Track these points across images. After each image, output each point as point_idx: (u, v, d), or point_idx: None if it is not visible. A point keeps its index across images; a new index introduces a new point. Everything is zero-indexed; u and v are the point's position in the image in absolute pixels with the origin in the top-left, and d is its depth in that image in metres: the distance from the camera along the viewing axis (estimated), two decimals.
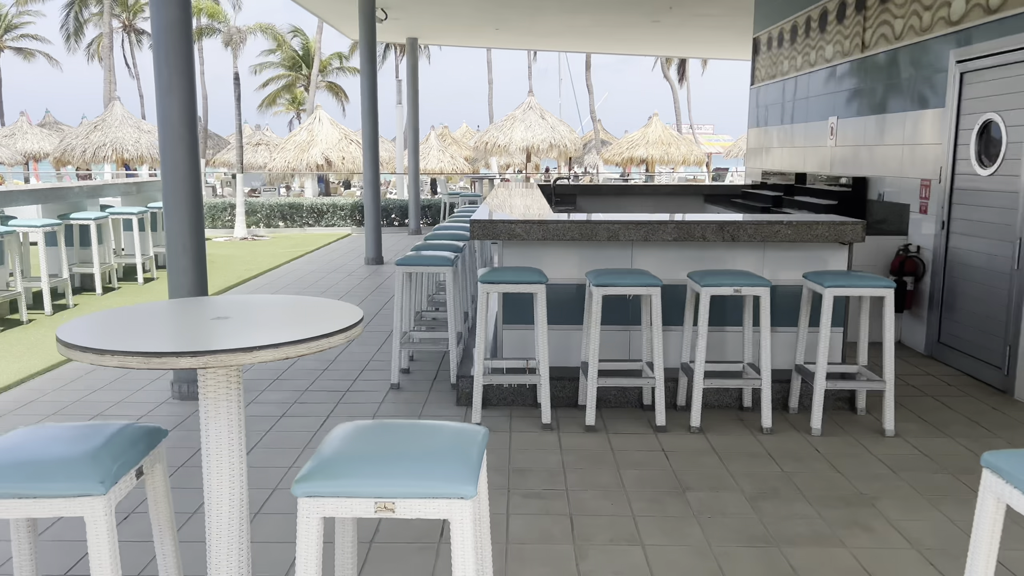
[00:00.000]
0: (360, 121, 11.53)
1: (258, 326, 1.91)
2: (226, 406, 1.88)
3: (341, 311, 2.04)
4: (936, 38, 6.11)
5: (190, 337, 1.81)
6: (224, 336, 1.79)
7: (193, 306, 2.16)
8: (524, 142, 23.44)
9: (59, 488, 1.71)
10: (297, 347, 1.70)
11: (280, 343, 1.69)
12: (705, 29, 13.32)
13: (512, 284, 4.37)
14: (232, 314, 2.02)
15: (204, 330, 1.87)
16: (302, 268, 11.04)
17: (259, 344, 1.68)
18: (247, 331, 1.84)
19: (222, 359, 1.63)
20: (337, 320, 1.91)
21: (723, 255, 4.99)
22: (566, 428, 4.51)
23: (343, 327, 1.82)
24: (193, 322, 1.96)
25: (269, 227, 16.86)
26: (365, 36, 11.07)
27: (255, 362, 1.67)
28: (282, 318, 2.01)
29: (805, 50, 8.82)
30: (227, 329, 1.86)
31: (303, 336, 1.73)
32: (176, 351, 1.63)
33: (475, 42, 17.09)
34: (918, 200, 6.38)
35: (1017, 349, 5.08)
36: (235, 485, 1.94)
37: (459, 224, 7.60)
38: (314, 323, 1.90)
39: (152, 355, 1.61)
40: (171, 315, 2.07)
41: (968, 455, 4.14)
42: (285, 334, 1.76)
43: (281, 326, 1.90)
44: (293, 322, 1.96)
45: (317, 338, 1.74)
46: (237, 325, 1.91)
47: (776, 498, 3.61)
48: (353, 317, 1.94)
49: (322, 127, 24.46)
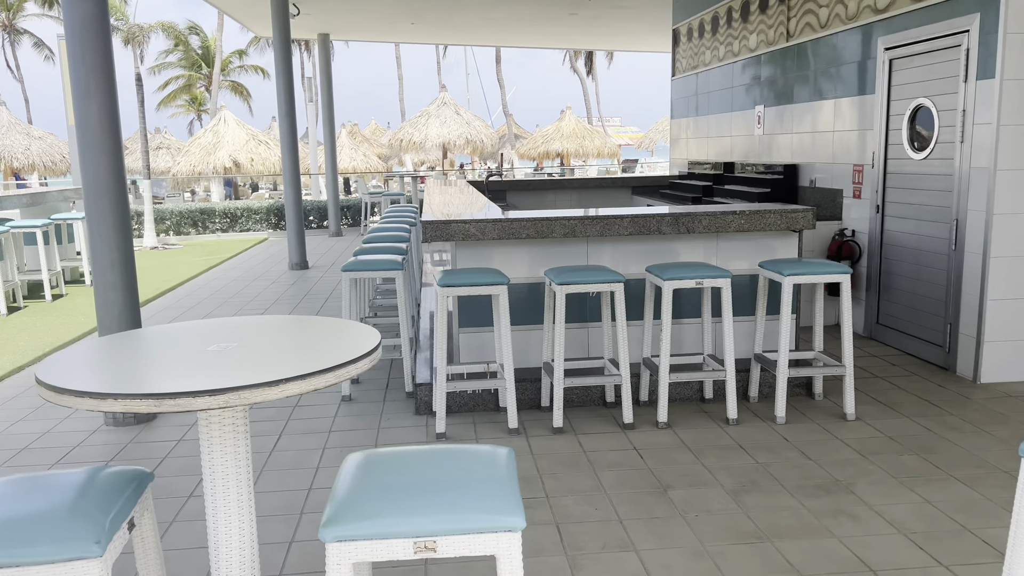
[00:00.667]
0: (267, 121, 11.11)
1: (267, 354, 1.70)
2: (233, 452, 1.66)
3: (347, 331, 1.85)
4: (863, 26, 6.25)
5: (201, 372, 1.58)
6: (237, 368, 1.58)
7: (182, 334, 1.93)
8: (440, 138, 23.21)
9: (46, 552, 1.47)
10: (325, 376, 1.51)
11: (308, 373, 1.50)
12: (622, 21, 13.41)
13: (472, 286, 4.21)
14: (231, 340, 1.80)
15: (212, 362, 1.65)
16: (223, 277, 10.56)
17: (285, 376, 1.48)
18: (259, 361, 1.63)
19: (245, 397, 1.43)
20: (348, 342, 1.72)
21: (676, 247, 4.96)
22: (533, 432, 4.39)
23: (365, 351, 1.64)
24: (194, 353, 1.74)
25: (180, 235, 16.12)
26: (279, 32, 10.66)
27: (281, 396, 1.48)
28: (288, 343, 1.81)
29: (728, 40, 8.94)
30: (235, 359, 1.65)
31: (329, 364, 1.54)
32: (192, 391, 1.41)
33: (389, 37, 16.75)
34: (851, 185, 6.53)
35: (958, 327, 5.24)
36: (246, 546, 1.72)
37: (394, 225, 7.37)
38: (324, 347, 1.71)
39: (164, 397, 1.39)
40: (164, 346, 1.83)
41: (928, 435, 4.23)
42: (304, 363, 1.56)
43: (292, 353, 1.70)
44: (302, 347, 1.76)
45: (344, 365, 1.55)
46: (244, 354, 1.70)
47: (757, 491, 3.58)
48: (367, 339, 1.76)
49: (228, 128, 23.59)
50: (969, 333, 5.14)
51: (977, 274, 5.05)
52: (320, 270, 10.91)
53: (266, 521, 3.40)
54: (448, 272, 4.32)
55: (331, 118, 15.16)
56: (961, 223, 5.18)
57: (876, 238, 6.18)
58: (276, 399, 1.48)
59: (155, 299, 9.00)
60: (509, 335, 4.24)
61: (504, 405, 4.71)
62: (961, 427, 4.32)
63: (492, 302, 4.51)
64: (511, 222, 4.57)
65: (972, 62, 5.02)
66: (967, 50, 5.06)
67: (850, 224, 6.55)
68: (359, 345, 1.70)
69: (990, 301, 5.00)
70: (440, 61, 44.90)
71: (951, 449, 4.02)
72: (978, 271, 5.04)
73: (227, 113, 23.99)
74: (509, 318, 4.25)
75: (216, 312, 8.07)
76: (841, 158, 6.67)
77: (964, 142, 5.13)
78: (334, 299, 8.64)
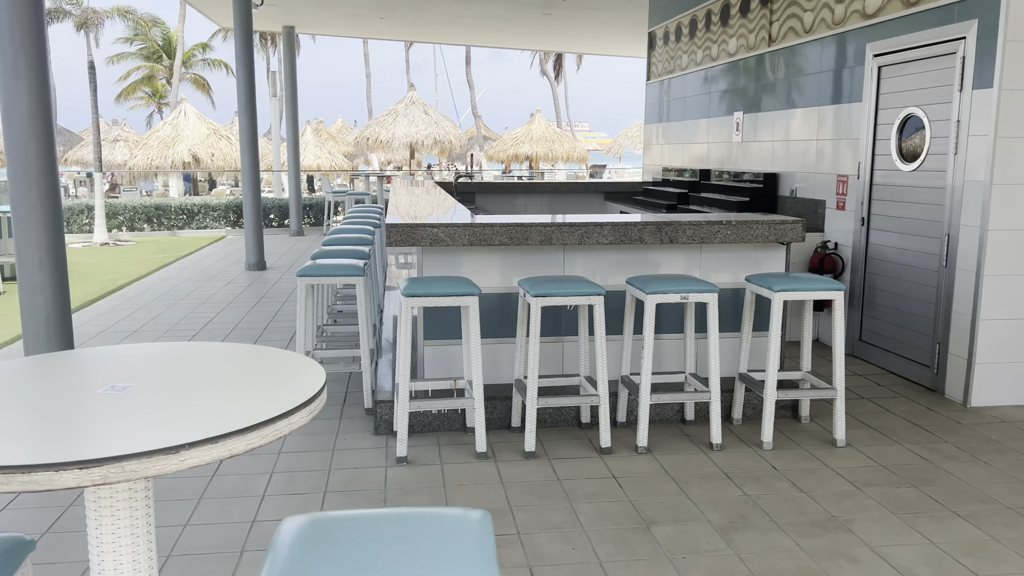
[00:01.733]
0: (230, 115, 10.64)
1: (174, 400, 1.33)
2: (130, 535, 1.27)
3: (286, 367, 1.48)
4: (850, 31, 6.02)
5: (78, 427, 1.20)
6: (130, 423, 1.20)
7: (65, 367, 1.54)
8: (407, 137, 22.76)
9: None
10: (245, 437, 1.15)
11: (219, 435, 1.14)
12: (595, 23, 13.14)
13: (440, 297, 3.86)
14: (127, 378, 1.42)
15: (99, 411, 1.27)
16: (175, 276, 10.04)
17: (188, 440, 1.11)
18: (162, 412, 1.26)
19: (131, 469, 1.06)
20: (286, 383, 1.36)
21: (657, 258, 4.66)
22: (503, 456, 4.04)
23: (305, 399, 1.28)
24: (79, 397, 1.35)
25: (133, 231, 15.49)
26: (241, 24, 10.19)
27: (183, 468, 1.11)
28: (208, 383, 1.43)
29: (706, 44, 8.69)
30: (131, 407, 1.27)
31: (253, 419, 1.17)
32: (54, 462, 1.04)
33: (357, 32, 16.30)
34: (834, 196, 6.30)
35: (947, 347, 5.01)
36: None
37: (357, 226, 6.97)
38: (254, 390, 1.34)
39: (13, 471, 1.02)
40: (45, 382, 1.44)
41: (924, 464, 3.96)
42: (221, 416, 1.19)
43: (209, 399, 1.33)
44: (225, 391, 1.39)
45: (270, 421, 1.19)
46: (144, 398, 1.32)
47: (748, 528, 3.28)
48: (308, 380, 1.39)
49: (188, 122, 22.91)
50: (959, 354, 4.91)
51: (969, 292, 4.82)
52: (278, 271, 10.46)
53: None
54: (413, 280, 3.96)
55: (295, 113, 14.67)
56: (953, 238, 4.95)
57: (860, 251, 5.94)
58: (175, 471, 1.12)
59: (99, 300, 8.48)
60: (479, 351, 3.89)
61: (472, 425, 4.35)
62: (957, 456, 4.07)
63: (461, 314, 4.15)
64: (483, 227, 4.22)
65: (968, 71, 4.79)
66: (963, 58, 4.83)
67: (833, 236, 6.31)
68: (297, 389, 1.33)
69: (982, 321, 4.77)
70: (409, 60, 44.36)
71: (949, 481, 3.76)
72: (970, 289, 4.81)
73: (187, 106, 23.31)
74: (480, 332, 3.90)
75: (165, 315, 7.59)
76: (824, 168, 6.43)
77: (958, 154, 4.90)
78: (292, 302, 8.21)
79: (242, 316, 7.53)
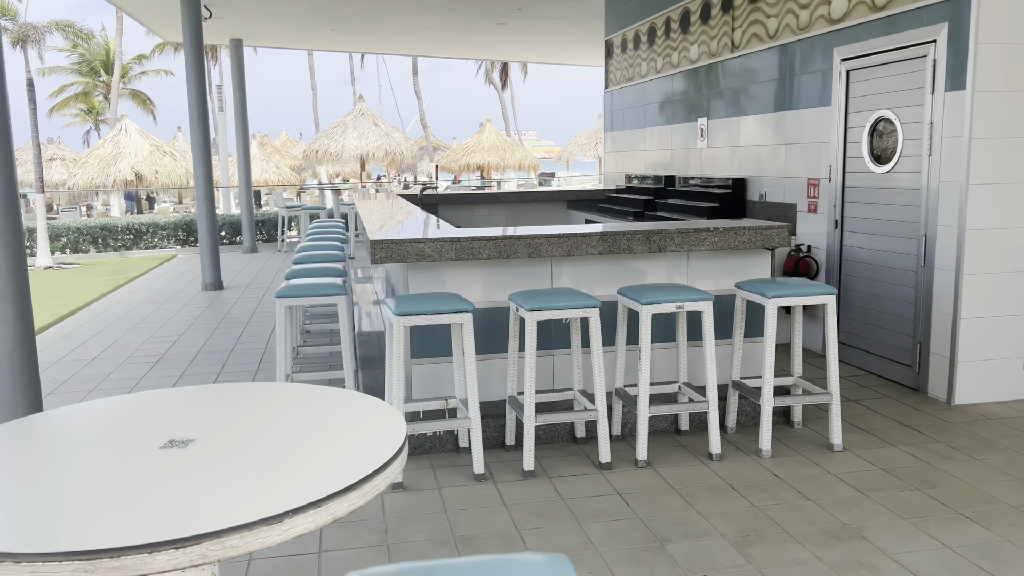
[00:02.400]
0: (172, 131, 10.32)
1: (238, 453, 1.17)
2: None
3: (335, 403, 1.35)
4: (817, 36, 6.08)
5: (143, 498, 1.03)
6: (202, 487, 1.04)
7: (102, 418, 1.37)
8: (358, 150, 22.50)
9: None
10: (347, 497, 1.02)
11: (321, 498, 0.99)
12: (550, 32, 13.13)
13: (433, 315, 3.73)
14: (179, 430, 1.27)
15: (157, 474, 1.11)
16: (129, 299, 9.68)
17: (290, 507, 0.97)
18: (231, 469, 1.10)
19: (234, 544, 0.92)
20: (353, 425, 1.23)
21: (643, 267, 4.60)
22: (501, 476, 3.92)
23: (396, 447, 1.15)
24: (129, 456, 1.17)
25: (77, 252, 14.95)
26: (190, 36, 9.90)
27: (285, 539, 0.97)
28: (262, 429, 1.28)
29: (666, 52, 8.72)
30: (195, 466, 1.10)
31: (349, 478, 1.04)
32: (146, 543, 0.89)
33: (307, 44, 16.03)
34: (806, 199, 6.34)
35: (928, 347, 5.06)
36: None
37: (324, 243, 6.78)
38: (324, 434, 1.20)
39: (99, 555, 0.88)
40: (78, 441, 1.27)
41: (923, 467, 3.97)
42: (301, 471, 1.05)
43: (274, 448, 1.18)
44: (285, 434, 1.24)
45: (370, 476, 1.06)
46: (206, 455, 1.16)
47: (763, 541, 3.22)
48: (387, 419, 1.26)
49: (130, 138, 22.32)
50: (941, 353, 4.96)
51: (949, 292, 4.87)
52: (236, 290, 10.16)
53: None
54: (403, 298, 3.82)
55: (245, 128, 14.35)
56: (930, 239, 5.00)
57: (835, 254, 5.98)
58: (279, 542, 0.98)
59: (51, 326, 8.11)
60: (475, 369, 3.77)
61: (465, 445, 4.23)
62: (952, 456, 4.09)
63: (452, 331, 4.03)
64: (471, 241, 4.11)
65: (940, 73, 4.86)
66: (934, 61, 4.89)
67: (805, 239, 6.35)
68: (379, 435, 1.21)
69: (964, 320, 4.82)
70: (355, 71, 43.96)
71: (951, 482, 3.76)
72: (950, 289, 4.86)
73: (129, 122, 22.70)
74: (475, 349, 3.78)
75: (123, 340, 7.28)
76: (793, 171, 6.48)
77: (932, 155, 4.96)
78: (255, 323, 7.96)
79: (205, 339, 7.26)
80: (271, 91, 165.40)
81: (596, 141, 29.17)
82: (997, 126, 4.69)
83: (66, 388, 5.76)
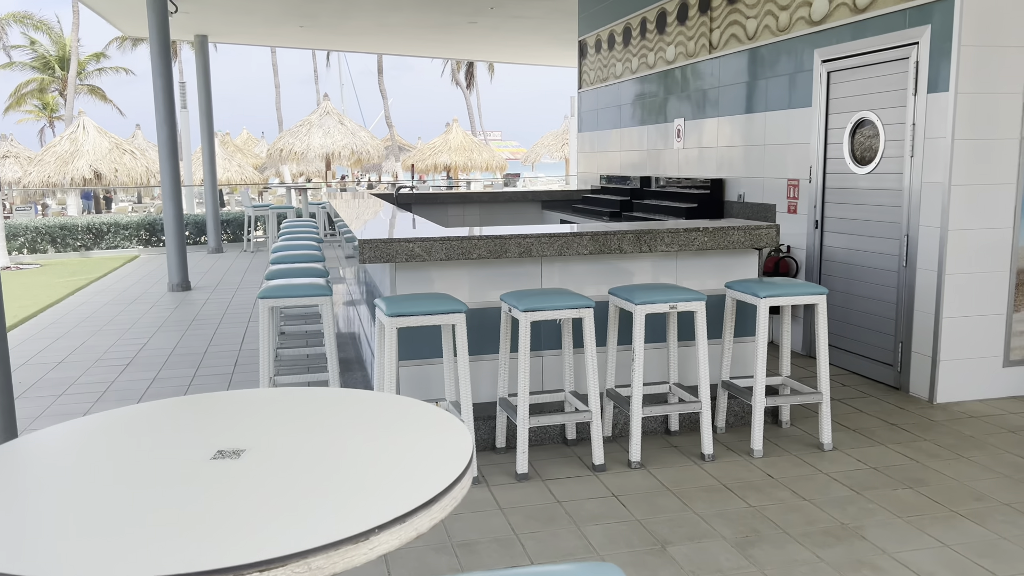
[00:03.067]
0: (132, 128, 10.07)
1: (297, 463, 1.08)
2: None
3: (394, 411, 1.28)
4: (797, 38, 6.11)
5: (207, 516, 0.94)
6: (268, 502, 0.95)
7: (135, 424, 1.28)
8: (323, 149, 22.23)
9: None
10: (430, 511, 0.95)
11: (406, 512, 0.92)
12: (522, 32, 13.09)
13: (427, 315, 3.65)
14: (225, 439, 1.19)
15: (214, 488, 1.02)
16: (93, 300, 9.41)
17: (377, 523, 0.89)
18: (294, 481, 1.01)
19: (320, 564, 0.84)
20: (413, 432, 1.16)
21: (632, 266, 4.57)
22: (495, 480, 3.85)
23: (467, 456, 1.08)
24: (176, 467, 1.08)
25: (35, 252, 14.53)
26: (156, 31, 9.67)
27: (371, 558, 0.90)
28: (315, 437, 1.20)
29: (641, 52, 8.73)
30: (251, 478, 1.02)
31: (429, 491, 0.97)
32: (230, 566, 0.81)
33: (275, 41, 15.78)
34: (785, 200, 6.37)
35: (910, 346, 5.11)
36: None
37: (300, 243, 6.65)
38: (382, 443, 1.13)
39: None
40: (117, 450, 1.17)
41: (912, 464, 3.99)
42: (371, 485, 0.97)
43: (335, 458, 1.10)
44: (341, 443, 1.16)
45: (448, 489, 0.99)
46: (262, 467, 1.07)
47: (763, 542, 3.20)
48: (447, 426, 1.19)
49: (88, 136, 21.77)
50: (923, 352, 5.01)
51: (931, 292, 4.93)
52: (205, 291, 9.95)
53: None
54: (393, 299, 3.74)
55: (210, 125, 14.08)
56: (912, 239, 5.05)
57: (815, 254, 6.02)
58: (364, 562, 0.90)
59: (13, 328, 7.84)
60: (468, 371, 3.71)
61: None
62: (940, 454, 4.12)
63: (442, 332, 3.96)
64: (461, 240, 4.04)
65: (923, 75, 4.90)
66: (916, 63, 4.94)
67: (785, 239, 6.38)
68: (442, 442, 1.14)
69: (946, 319, 4.88)
70: (319, 70, 43.45)
71: (941, 480, 3.79)
72: (932, 289, 4.92)
73: (87, 120, 22.15)
74: (467, 350, 3.71)
75: (90, 343, 7.07)
76: (772, 172, 6.51)
77: (914, 156, 5.00)
78: (227, 324, 7.79)
79: (176, 341, 7.08)
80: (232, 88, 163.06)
81: (563, 142, 29.20)
82: (979, 128, 4.75)
83: (34, 392, 5.56)
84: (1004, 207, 4.87)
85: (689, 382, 4.66)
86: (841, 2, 5.58)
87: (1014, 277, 4.95)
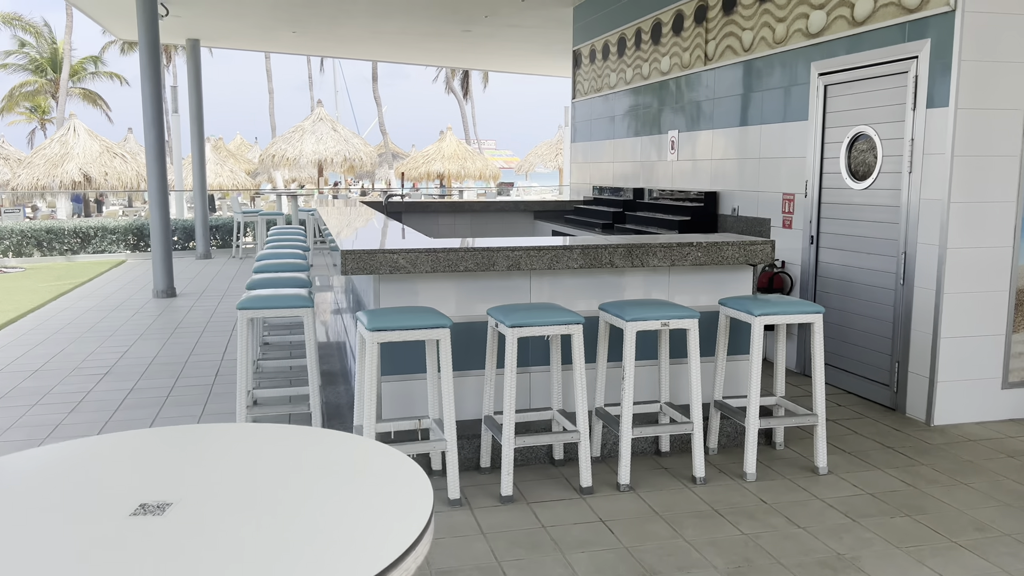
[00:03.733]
0: (124, 132, 9.92)
1: (233, 520, 0.95)
2: None
3: (349, 455, 1.14)
4: (794, 50, 6.02)
5: None
6: (195, 572, 0.82)
7: (41, 473, 1.13)
8: (316, 155, 22.10)
9: None
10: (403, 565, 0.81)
11: None
12: (515, 41, 13.00)
13: (409, 330, 3.51)
14: (145, 490, 1.04)
15: (140, 552, 0.88)
16: (75, 306, 9.24)
17: None
18: (239, 544, 0.88)
19: None
20: (361, 475, 1.02)
21: (623, 281, 4.45)
22: (478, 502, 3.71)
23: (423, 522, 0.94)
24: (95, 526, 0.93)
25: (20, 256, 14.33)
26: (146, 34, 9.53)
27: None
28: (248, 484, 1.06)
29: (636, 63, 8.63)
30: (186, 539, 0.88)
31: (398, 545, 0.83)
32: None
33: (267, 46, 15.65)
34: (780, 214, 6.27)
35: (907, 366, 4.99)
36: None
37: (285, 251, 6.51)
38: (326, 487, 0.99)
39: None
40: (35, 510, 1.02)
41: (910, 491, 3.87)
42: (326, 541, 0.84)
43: (273, 515, 0.96)
44: (270, 490, 1.03)
45: (418, 540, 0.85)
46: (193, 524, 0.93)
47: (755, 572, 3.07)
48: (395, 463, 1.06)
49: (79, 139, 21.60)
50: (920, 372, 4.89)
51: (929, 311, 4.81)
52: (190, 298, 9.78)
53: None
54: (375, 313, 3.60)
55: (201, 130, 13.93)
56: (910, 256, 4.94)
57: (809, 270, 5.91)
58: None
59: None
60: (451, 388, 3.57)
61: (438, 468, 4.01)
62: (938, 479, 4.00)
63: (426, 347, 3.82)
64: (447, 253, 3.91)
65: (922, 90, 4.81)
66: (915, 77, 4.85)
67: (780, 255, 6.27)
68: (398, 484, 1.00)
69: (944, 339, 4.76)
70: (313, 76, 43.38)
71: (940, 508, 3.66)
72: (930, 308, 4.81)
73: (77, 122, 21.96)
74: (452, 366, 3.58)
75: (69, 350, 6.90)
76: (767, 186, 6.41)
77: (913, 172, 4.90)
78: (210, 332, 7.63)
79: (157, 349, 6.92)
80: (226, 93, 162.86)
81: (556, 152, 29.12)
82: (979, 144, 4.65)
83: (7, 402, 5.39)
84: (1004, 225, 4.77)
85: (681, 401, 4.54)
86: (839, 15, 5.49)
87: (1014, 297, 4.84)
